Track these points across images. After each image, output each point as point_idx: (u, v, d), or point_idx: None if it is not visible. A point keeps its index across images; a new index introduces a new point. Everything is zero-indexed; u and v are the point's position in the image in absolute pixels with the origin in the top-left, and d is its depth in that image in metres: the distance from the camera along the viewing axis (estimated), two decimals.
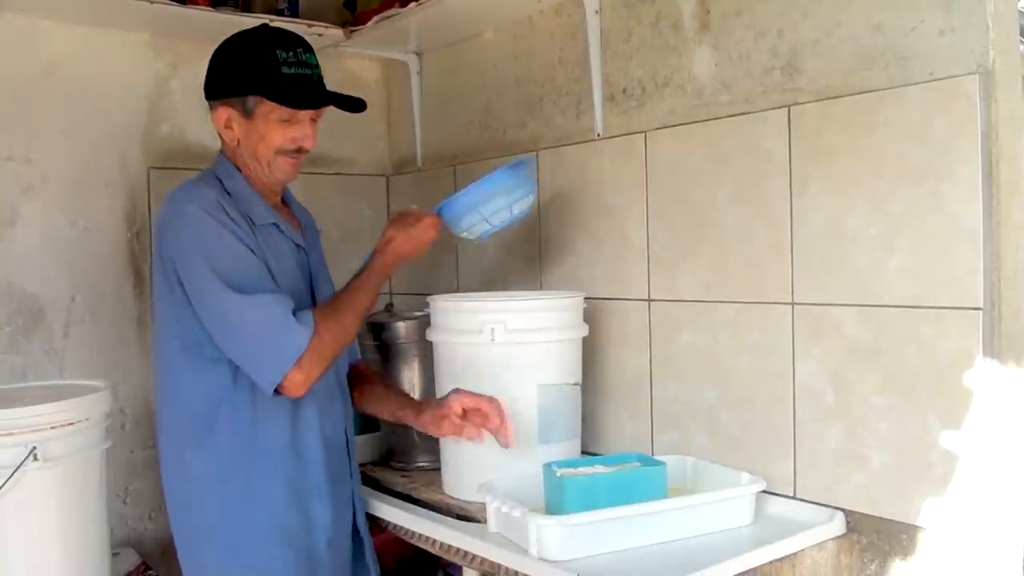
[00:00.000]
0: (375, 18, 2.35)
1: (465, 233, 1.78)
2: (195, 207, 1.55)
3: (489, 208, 1.73)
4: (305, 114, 1.62)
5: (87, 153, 2.29)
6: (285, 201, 1.78)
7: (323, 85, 1.66)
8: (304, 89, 1.61)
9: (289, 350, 1.51)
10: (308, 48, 1.64)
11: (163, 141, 2.42)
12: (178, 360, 1.61)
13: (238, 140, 1.64)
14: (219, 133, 1.67)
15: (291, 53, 1.60)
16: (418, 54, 2.65)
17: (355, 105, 1.66)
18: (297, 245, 1.71)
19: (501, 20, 2.32)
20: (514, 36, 2.31)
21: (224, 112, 1.63)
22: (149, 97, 2.40)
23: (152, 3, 2.12)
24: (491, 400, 1.64)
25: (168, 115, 2.43)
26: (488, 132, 2.41)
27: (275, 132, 1.61)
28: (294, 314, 1.52)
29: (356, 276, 1.66)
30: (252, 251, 1.56)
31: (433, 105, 2.63)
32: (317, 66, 1.65)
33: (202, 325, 1.55)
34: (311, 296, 1.71)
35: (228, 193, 1.62)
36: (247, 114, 1.61)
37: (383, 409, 1.84)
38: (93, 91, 2.30)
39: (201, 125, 2.47)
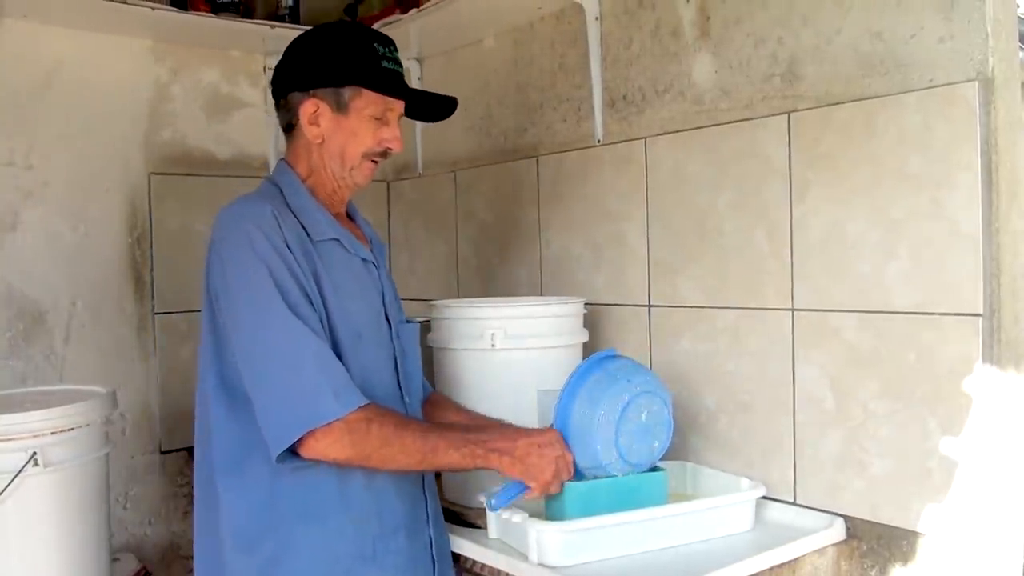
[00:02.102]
0: (376, 24, 2.36)
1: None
2: (248, 224, 1.40)
3: (575, 427, 1.47)
4: (395, 114, 1.53)
5: (88, 158, 2.29)
6: (350, 215, 1.65)
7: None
8: (401, 86, 1.52)
9: (317, 412, 1.33)
10: (397, 48, 1.56)
11: (164, 146, 2.43)
12: (215, 395, 1.44)
13: (323, 138, 1.50)
14: (302, 128, 1.51)
15: (387, 48, 1.52)
16: (419, 60, 2.65)
17: (443, 109, 1.59)
18: (364, 260, 1.56)
19: (502, 26, 2.32)
20: (515, 42, 2.31)
21: (313, 104, 1.49)
22: (150, 102, 2.41)
23: (153, 9, 2.13)
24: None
25: (169, 120, 2.44)
26: (488, 138, 2.42)
27: (366, 130, 1.50)
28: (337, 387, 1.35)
29: (471, 431, 1.47)
30: (304, 289, 1.40)
31: None
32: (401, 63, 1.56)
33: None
34: (385, 314, 1.55)
35: (288, 205, 1.48)
36: (340, 108, 1.49)
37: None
38: (94, 96, 2.30)
39: (202, 130, 2.49)
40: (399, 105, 1.54)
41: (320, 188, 1.54)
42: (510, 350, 1.75)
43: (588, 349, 1.92)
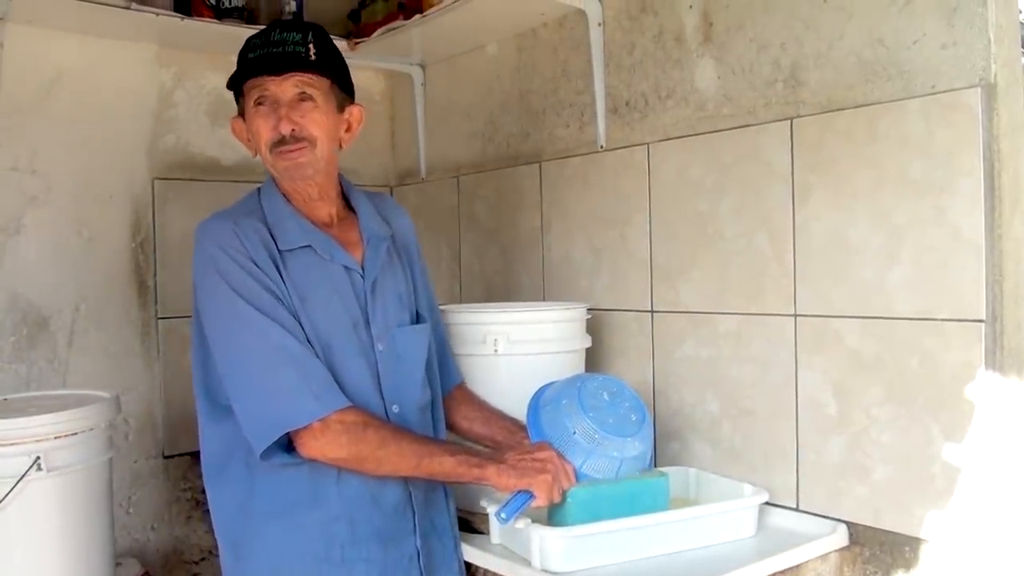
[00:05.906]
0: (379, 30, 2.37)
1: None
2: (210, 244, 1.43)
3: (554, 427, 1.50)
4: (286, 95, 1.45)
5: (92, 163, 2.30)
6: (354, 209, 1.61)
7: (302, 58, 1.45)
8: (267, 65, 1.44)
9: (296, 412, 1.36)
10: (293, 28, 1.47)
11: (168, 152, 2.43)
12: (201, 403, 1.49)
13: (252, 148, 1.52)
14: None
15: (261, 38, 1.46)
16: (422, 66, 2.66)
17: (316, 64, 1.46)
18: (347, 267, 1.51)
19: (504, 32, 2.33)
20: (517, 48, 2.32)
21: (236, 124, 1.55)
22: (154, 108, 2.41)
23: (157, 15, 2.14)
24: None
25: (173, 126, 2.44)
26: (491, 144, 2.42)
27: (259, 123, 1.47)
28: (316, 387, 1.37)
29: (464, 451, 1.45)
30: (276, 295, 1.42)
31: (437, 116, 2.64)
32: (299, 43, 1.45)
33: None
34: (365, 321, 1.50)
35: (264, 215, 1.49)
36: (242, 114, 1.52)
37: (493, 431, 1.66)
38: (98, 102, 2.31)
39: (205, 136, 2.49)
40: (275, 83, 1.45)
41: (288, 192, 1.53)
42: (512, 355, 1.75)
43: (590, 354, 1.92)
